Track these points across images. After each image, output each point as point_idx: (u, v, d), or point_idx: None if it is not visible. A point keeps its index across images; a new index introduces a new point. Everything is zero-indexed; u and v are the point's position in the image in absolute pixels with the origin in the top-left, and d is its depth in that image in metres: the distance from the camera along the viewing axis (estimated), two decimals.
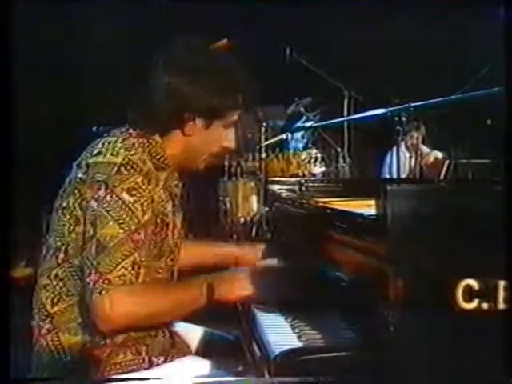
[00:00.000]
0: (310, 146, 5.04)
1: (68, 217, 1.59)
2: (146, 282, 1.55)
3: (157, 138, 1.67)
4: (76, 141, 1.72)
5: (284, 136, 5.04)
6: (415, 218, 1.17)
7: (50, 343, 1.62)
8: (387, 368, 1.17)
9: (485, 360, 1.15)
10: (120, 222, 1.50)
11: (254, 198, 4.80)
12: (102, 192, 1.52)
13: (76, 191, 1.58)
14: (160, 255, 1.67)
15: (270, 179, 3.93)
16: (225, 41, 3.97)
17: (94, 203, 1.52)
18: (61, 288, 1.61)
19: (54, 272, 1.61)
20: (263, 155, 4.79)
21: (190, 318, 1.76)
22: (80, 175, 1.58)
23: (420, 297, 1.16)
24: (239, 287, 1.63)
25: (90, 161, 1.58)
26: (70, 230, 1.59)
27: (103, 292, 1.46)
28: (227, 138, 1.73)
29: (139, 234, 1.52)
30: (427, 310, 1.15)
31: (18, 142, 1.54)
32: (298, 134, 5.09)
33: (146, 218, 1.54)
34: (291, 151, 4.96)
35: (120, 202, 1.51)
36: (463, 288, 1.15)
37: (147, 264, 1.55)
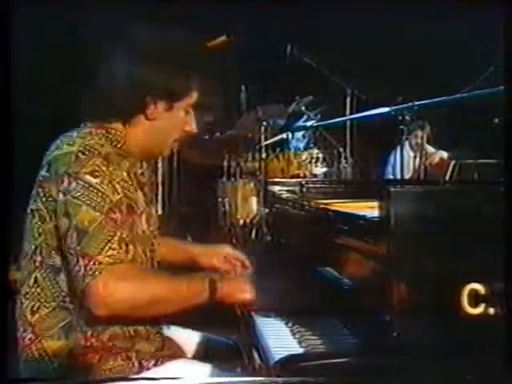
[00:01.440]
0: (311, 145, 5.03)
1: (36, 218, 1.62)
2: (141, 265, 1.57)
3: (118, 126, 1.70)
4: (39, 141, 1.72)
5: (284, 135, 5.04)
6: (419, 221, 1.17)
7: (36, 352, 1.63)
8: (390, 374, 1.18)
9: (491, 365, 1.15)
10: (92, 204, 1.53)
11: (253, 200, 4.80)
12: (66, 182, 1.55)
13: (40, 190, 1.61)
14: (132, 240, 1.64)
15: (270, 180, 3.94)
16: (223, 37, 3.98)
17: (61, 196, 1.55)
18: (39, 294, 1.63)
19: (32, 277, 1.63)
20: (263, 155, 4.78)
21: (190, 318, 1.76)
22: (43, 173, 1.61)
23: (424, 301, 1.16)
24: (241, 289, 1.65)
25: (50, 157, 1.62)
26: (40, 231, 1.62)
27: (96, 273, 1.47)
28: (188, 121, 1.75)
29: (115, 212, 1.55)
30: (431, 314, 1.16)
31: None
32: (299, 134, 5.08)
33: (117, 196, 1.56)
34: (292, 151, 4.96)
35: (87, 186, 1.54)
36: (469, 292, 1.15)
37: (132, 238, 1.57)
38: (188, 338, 1.89)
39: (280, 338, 1.45)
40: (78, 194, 1.53)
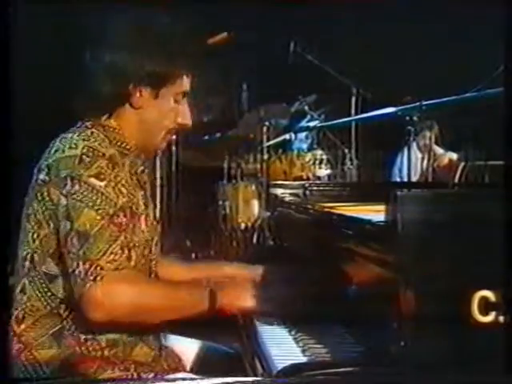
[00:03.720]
0: (314, 146, 5.04)
1: (32, 223, 1.61)
2: (142, 272, 1.58)
3: (112, 123, 1.70)
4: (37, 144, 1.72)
5: (287, 136, 5.05)
6: (427, 225, 1.17)
7: (26, 362, 1.62)
8: None
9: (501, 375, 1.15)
10: (95, 207, 1.53)
11: (255, 202, 4.80)
12: (68, 185, 1.54)
13: (38, 194, 1.60)
14: (134, 246, 1.64)
15: (273, 182, 3.93)
16: (224, 34, 3.99)
17: (63, 199, 1.55)
18: (25, 302, 1.63)
19: (21, 284, 1.64)
20: (265, 156, 4.79)
21: (188, 326, 1.76)
22: (42, 177, 1.60)
23: (432, 309, 1.16)
24: (243, 297, 1.64)
25: (50, 160, 1.60)
26: (35, 236, 1.61)
27: (98, 278, 1.48)
28: (180, 112, 1.74)
29: (119, 216, 1.55)
30: (440, 323, 1.16)
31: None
32: (302, 134, 5.09)
33: (120, 200, 1.57)
34: (295, 152, 4.97)
35: (90, 188, 1.54)
36: (479, 300, 1.15)
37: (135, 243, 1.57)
38: (187, 347, 1.89)
39: (283, 346, 1.45)
40: (81, 196, 1.53)
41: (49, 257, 1.60)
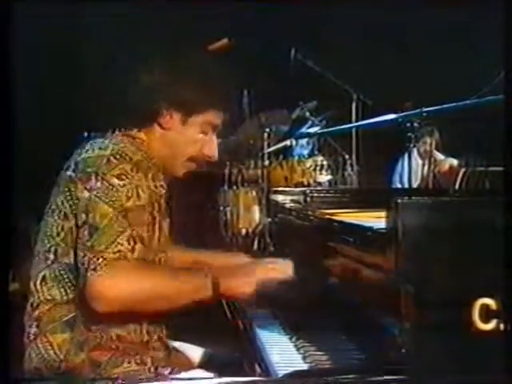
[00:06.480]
0: (315, 152, 5.03)
1: (56, 217, 1.69)
2: (142, 262, 1.61)
3: (141, 135, 1.79)
4: (67, 148, 1.79)
5: (288, 142, 5.03)
6: (428, 232, 1.18)
7: (41, 346, 1.68)
8: None
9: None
10: (110, 202, 1.60)
11: (255, 209, 4.79)
12: (92, 181, 1.63)
13: (66, 189, 1.68)
14: (143, 240, 1.68)
15: (273, 188, 3.93)
16: (225, 41, 3.99)
17: (86, 193, 1.63)
18: (44, 293, 1.69)
19: (40, 275, 1.70)
20: (266, 163, 4.78)
21: (192, 332, 1.78)
22: (69, 173, 1.69)
23: (433, 317, 1.16)
24: (245, 282, 1.68)
25: (79, 158, 1.69)
26: (59, 229, 1.68)
27: (98, 268, 1.54)
28: (207, 145, 1.82)
29: (131, 212, 1.61)
30: (440, 330, 1.16)
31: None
32: (303, 140, 5.08)
33: (135, 201, 1.62)
34: (296, 158, 4.95)
35: (110, 186, 1.62)
36: (480, 307, 1.15)
37: (142, 240, 1.61)
38: (191, 352, 1.91)
39: (284, 353, 1.45)
40: (101, 193, 1.61)
41: (72, 249, 1.66)
